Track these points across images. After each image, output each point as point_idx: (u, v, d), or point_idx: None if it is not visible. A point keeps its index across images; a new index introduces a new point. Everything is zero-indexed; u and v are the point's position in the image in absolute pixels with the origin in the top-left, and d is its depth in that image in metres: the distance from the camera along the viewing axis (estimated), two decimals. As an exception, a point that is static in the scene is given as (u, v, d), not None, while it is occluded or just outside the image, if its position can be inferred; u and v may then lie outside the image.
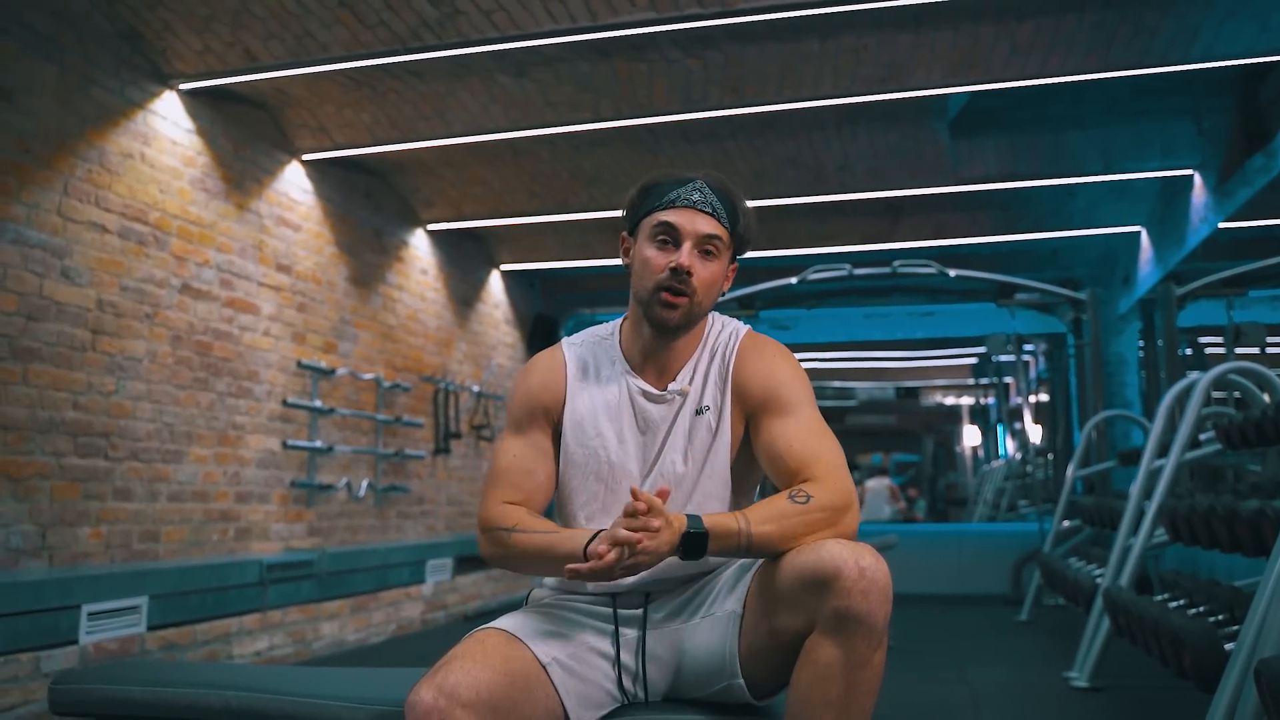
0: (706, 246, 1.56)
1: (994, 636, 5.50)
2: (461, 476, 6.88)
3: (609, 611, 1.56)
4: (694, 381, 1.62)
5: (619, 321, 1.70)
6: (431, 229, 6.58)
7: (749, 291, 7.10)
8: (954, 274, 6.66)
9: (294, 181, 5.17)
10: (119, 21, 3.95)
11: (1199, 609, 3.01)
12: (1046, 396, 10.17)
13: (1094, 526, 5.39)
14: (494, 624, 1.51)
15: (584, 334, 1.73)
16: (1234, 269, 5.96)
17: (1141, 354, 7.63)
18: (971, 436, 15.03)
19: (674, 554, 1.37)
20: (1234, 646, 2.27)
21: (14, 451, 3.48)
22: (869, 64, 4.40)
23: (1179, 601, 3.23)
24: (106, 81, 3.94)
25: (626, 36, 4.13)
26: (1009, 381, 11.98)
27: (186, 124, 4.38)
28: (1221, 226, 5.53)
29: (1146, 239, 6.74)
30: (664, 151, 5.56)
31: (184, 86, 4.33)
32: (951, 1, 3.96)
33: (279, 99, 4.80)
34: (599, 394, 1.63)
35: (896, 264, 6.71)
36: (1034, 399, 11.12)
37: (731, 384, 1.61)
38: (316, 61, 4.23)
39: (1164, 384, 5.75)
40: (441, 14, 3.90)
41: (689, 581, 1.59)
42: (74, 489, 3.73)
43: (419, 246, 6.47)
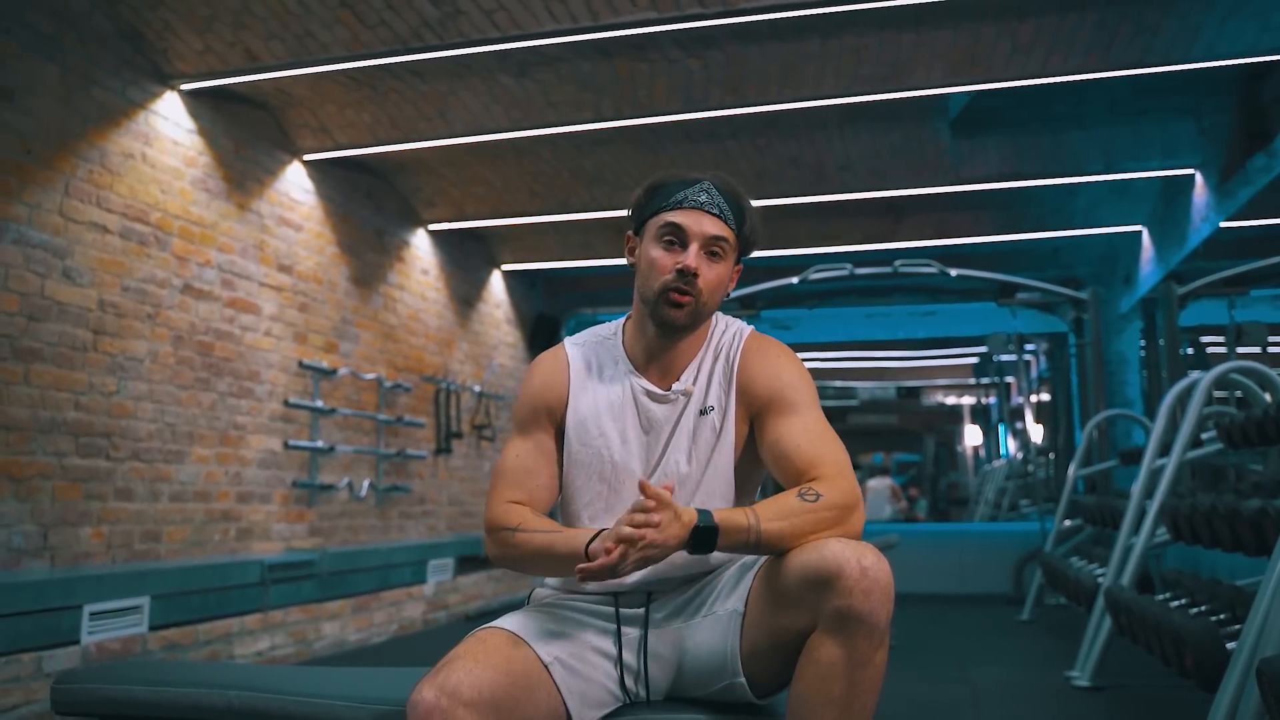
0: (713, 248, 1.56)
1: (995, 636, 5.50)
2: (463, 476, 6.88)
3: (611, 611, 1.56)
4: (698, 382, 1.61)
5: (622, 321, 1.70)
6: (433, 229, 6.58)
7: (750, 291, 7.10)
8: (955, 273, 6.66)
9: (295, 181, 5.17)
10: (120, 22, 3.95)
11: (1201, 608, 3.01)
12: (1048, 396, 10.16)
13: (1095, 526, 5.40)
14: (496, 623, 1.51)
15: (586, 333, 1.73)
16: (1235, 268, 5.97)
17: (1143, 353, 7.62)
18: (973, 436, 15.03)
19: (683, 548, 1.37)
20: (1236, 646, 2.27)
21: (16, 452, 3.49)
22: (870, 63, 4.40)
23: (1181, 601, 3.23)
24: (108, 82, 3.94)
25: (628, 36, 4.13)
26: (1010, 381, 11.97)
27: (188, 124, 4.39)
28: (1223, 226, 5.52)
29: (1148, 238, 6.74)
30: (665, 151, 5.56)
31: (185, 86, 4.33)
32: (952, 1, 3.96)
33: (280, 99, 4.80)
34: (602, 394, 1.63)
35: (898, 263, 6.71)
36: (1035, 398, 11.12)
37: (736, 384, 1.60)
38: (318, 61, 4.23)
39: (1165, 383, 5.74)
40: (443, 14, 3.90)
41: (691, 581, 1.59)
42: (75, 489, 3.73)
43: (420, 246, 6.47)
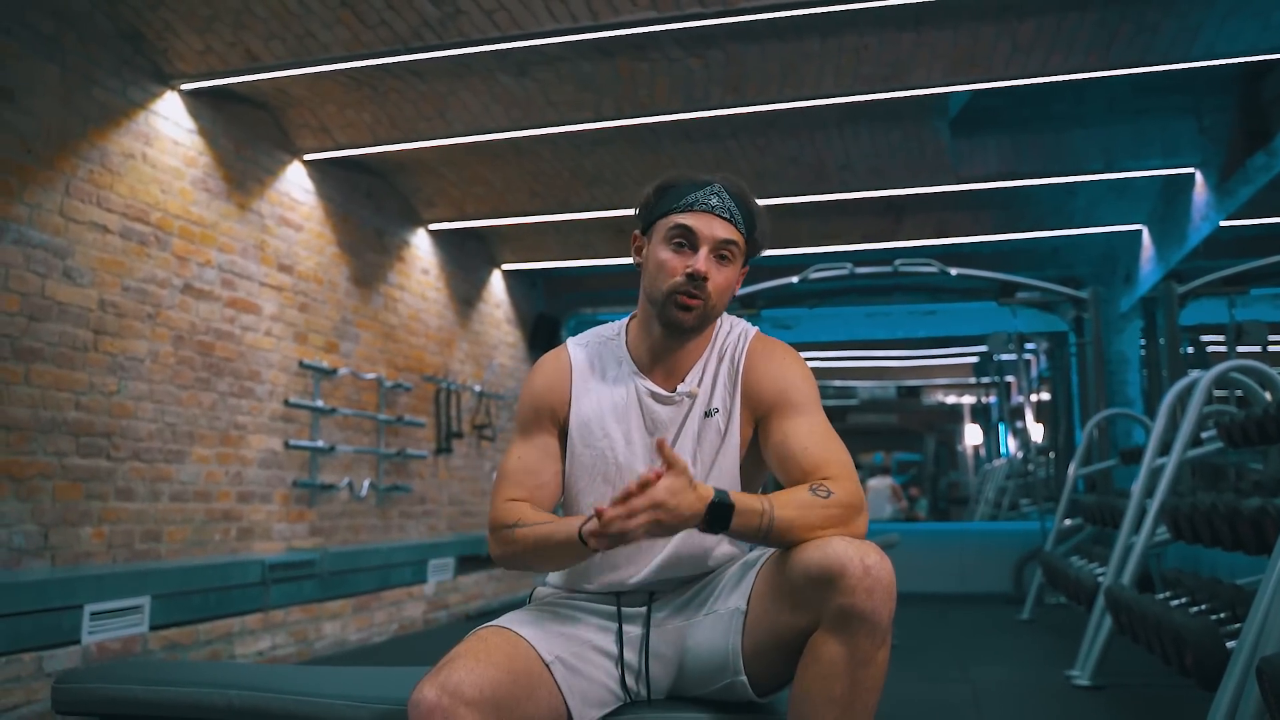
0: (722, 252, 1.55)
1: (996, 635, 5.50)
2: (463, 476, 6.88)
3: (612, 610, 1.56)
4: (703, 383, 1.61)
5: (625, 321, 1.69)
6: (433, 229, 6.58)
7: (751, 290, 7.10)
8: (955, 273, 6.66)
9: (295, 181, 5.17)
10: (121, 22, 3.95)
11: (1201, 607, 3.01)
12: (1048, 395, 10.16)
13: (1096, 525, 5.39)
14: (497, 622, 1.51)
15: (589, 334, 1.72)
16: (1235, 267, 5.97)
17: (1143, 352, 7.62)
18: (973, 435, 15.03)
19: (697, 523, 1.35)
20: (1236, 645, 2.27)
21: (16, 451, 3.49)
22: (870, 63, 4.40)
23: (1181, 600, 3.23)
24: (108, 82, 3.94)
25: (628, 36, 4.13)
26: (1010, 380, 11.97)
27: (188, 124, 4.39)
28: (1223, 225, 5.53)
29: (1148, 237, 6.74)
30: (666, 151, 5.56)
31: (185, 87, 4.33)
32: (952, 1, 3.96)
33: (280, 99, 4.80)
34: (606, 395, 1.62)
35: (898, 263, 6.71)
36: (1035, 398, 11.11)
37: (741, 387, 1.60)
38: (318, 61, 4.23)
39: (1165, 382, 5.74)
40: (443, 14, 3.90)
41: (692, 580, 1.59)
42: (76, 489, 3.73)
43: (420, 246, 6.47)
